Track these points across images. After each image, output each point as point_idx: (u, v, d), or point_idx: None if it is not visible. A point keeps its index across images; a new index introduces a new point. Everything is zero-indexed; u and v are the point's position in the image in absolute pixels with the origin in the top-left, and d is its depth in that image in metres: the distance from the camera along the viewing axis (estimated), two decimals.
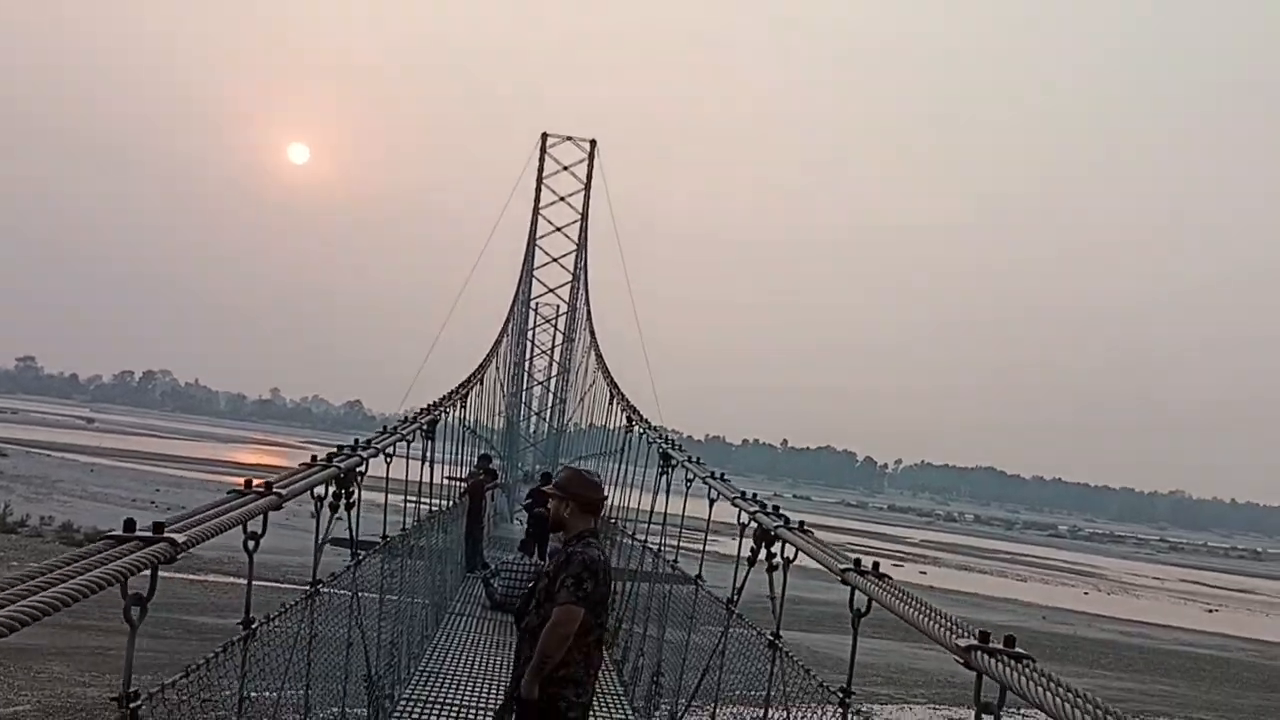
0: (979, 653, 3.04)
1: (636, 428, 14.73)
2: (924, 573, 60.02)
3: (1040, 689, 2.71)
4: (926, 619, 3.51)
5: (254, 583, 4.59)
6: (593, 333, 36.59)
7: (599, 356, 31.38)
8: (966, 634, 3.22)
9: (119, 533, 3.04)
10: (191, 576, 29.28)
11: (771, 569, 6.20)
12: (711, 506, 8.42)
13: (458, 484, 18.38)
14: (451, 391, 14.87)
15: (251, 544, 4.38)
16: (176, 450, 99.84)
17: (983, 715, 3.10)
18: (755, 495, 7.28)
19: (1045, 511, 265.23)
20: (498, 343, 29.55)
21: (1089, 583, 75.01)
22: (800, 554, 5.73)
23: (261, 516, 4.30)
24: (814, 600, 38.00)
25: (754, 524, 6.56)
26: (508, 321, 35.99)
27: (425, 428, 10.50)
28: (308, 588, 6.16)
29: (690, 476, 9.62)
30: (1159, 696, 30.63)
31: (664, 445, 11.13)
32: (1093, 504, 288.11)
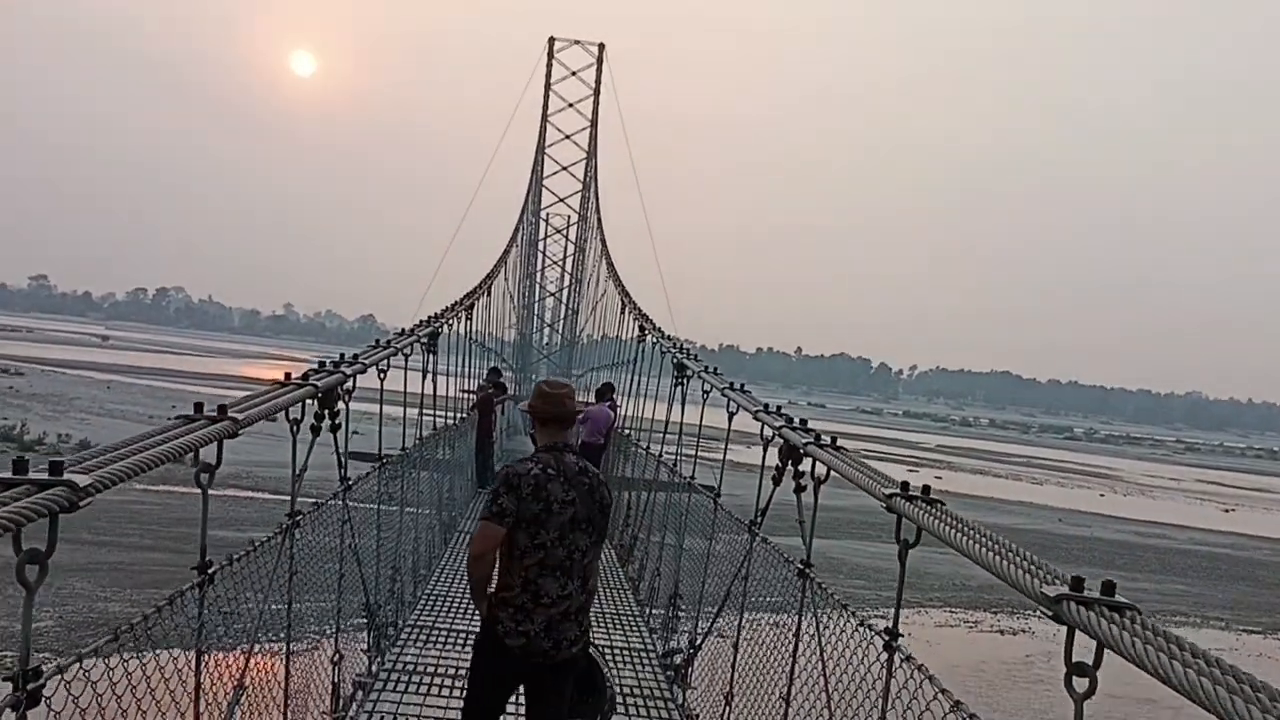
0: (1072, 604, 2.56)
1: (649, 337, 14.21)
2: (939, 478, 59.98)
3: (1149, 647, 2.28)
4: (1000, 559, 2.99)
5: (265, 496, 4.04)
6: (604, 241, 35.71)
7: (610, 265, 30.66)
8: (1055, 579, 2.70)
9: (7, 475, 2.57)
10: (229, 492, 29.39)
11: (800, 489, 5.61)
12: (731, 419, 7.86)
13: (467, 397, 17.97)
14: (455, 303, 14.28)
15: (205, 477, 3.97)
16: (191, 367, 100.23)
17: (1075, 677, 2.60)
18: (780, 409, 6.66)
19: (1061, 414, 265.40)
20: (505, 253, 28.86)
21: (1105, 484, 75.03)
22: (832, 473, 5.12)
23: (215, 445, 3.83)
24: (835, 507, 38.06)
25: (779, 440, 5.94)
26: (516, 231, 35.26)
27: (425, 340, 9.93)
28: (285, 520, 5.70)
29: (707, 388, 9.03)
30: (1174, 596, 30.60)
31: (678, 355, 10.55)
32: (1109, 406, 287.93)
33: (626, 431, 16.38)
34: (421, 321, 10.48)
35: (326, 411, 5.75)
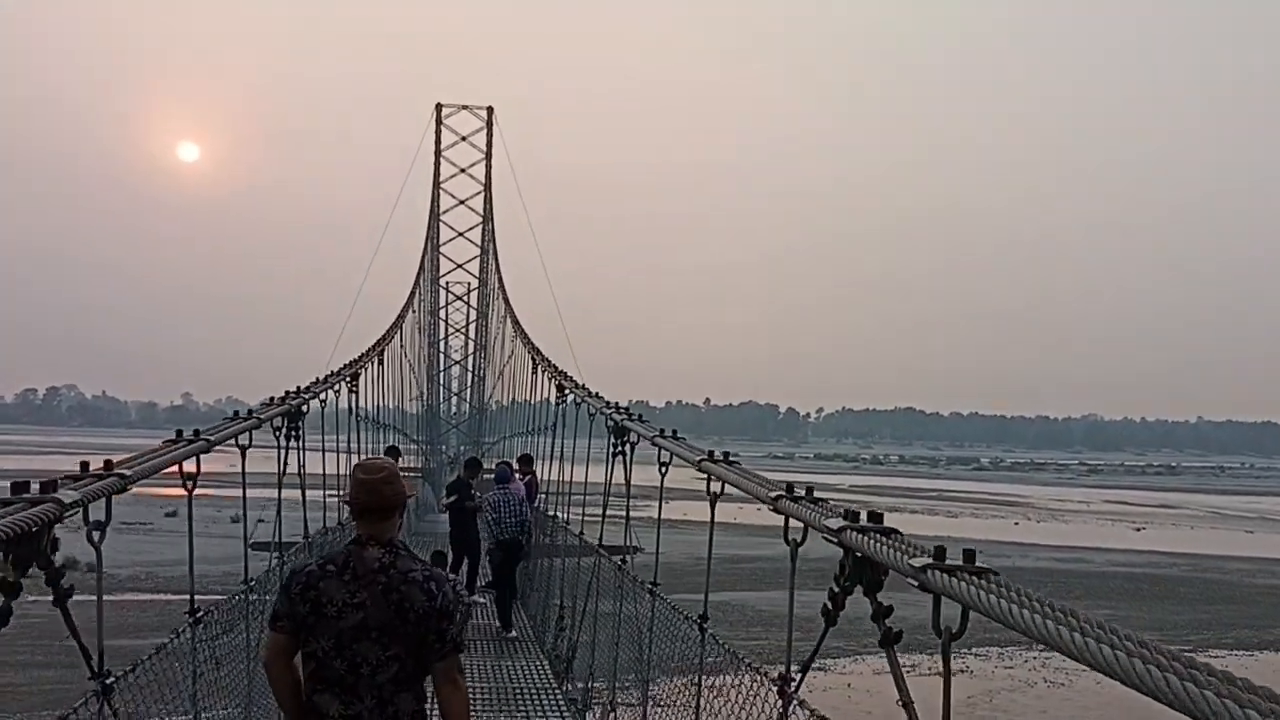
0: (936, 572, 2.78)
1: (570, 395, 13.13)
2: None
3: (1009, 604, 2.52)
4: (869, 540, 3.26)
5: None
6: (507, 301, 35.09)
7: (517, 324, 29.96)
8: (921, 553, 2.95)
9: None
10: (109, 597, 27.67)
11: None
12: (664, 472, 7.28)
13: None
14: (332, 373, 12.03)
15: (96, 535, 3.93)
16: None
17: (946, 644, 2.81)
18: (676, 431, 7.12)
19: (966, 446, 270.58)
20: (400, 319, 27.80)
21: (1017, 512, 76.14)
22: (728, 488, 5.38)
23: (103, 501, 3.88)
24: (754, 557, 37.63)
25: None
26: (410, 298, 34.29)
27: (281, 422, 7.94)
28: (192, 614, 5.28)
29: (634, 438, 8.48)
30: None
31: (615, 415, 9.29)
32: (1010, 434, 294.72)
33: (549, 510, 15.32)
34: (273, 399, 8.48)
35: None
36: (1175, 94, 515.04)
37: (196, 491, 5.29)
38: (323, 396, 10.10)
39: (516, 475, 14.46)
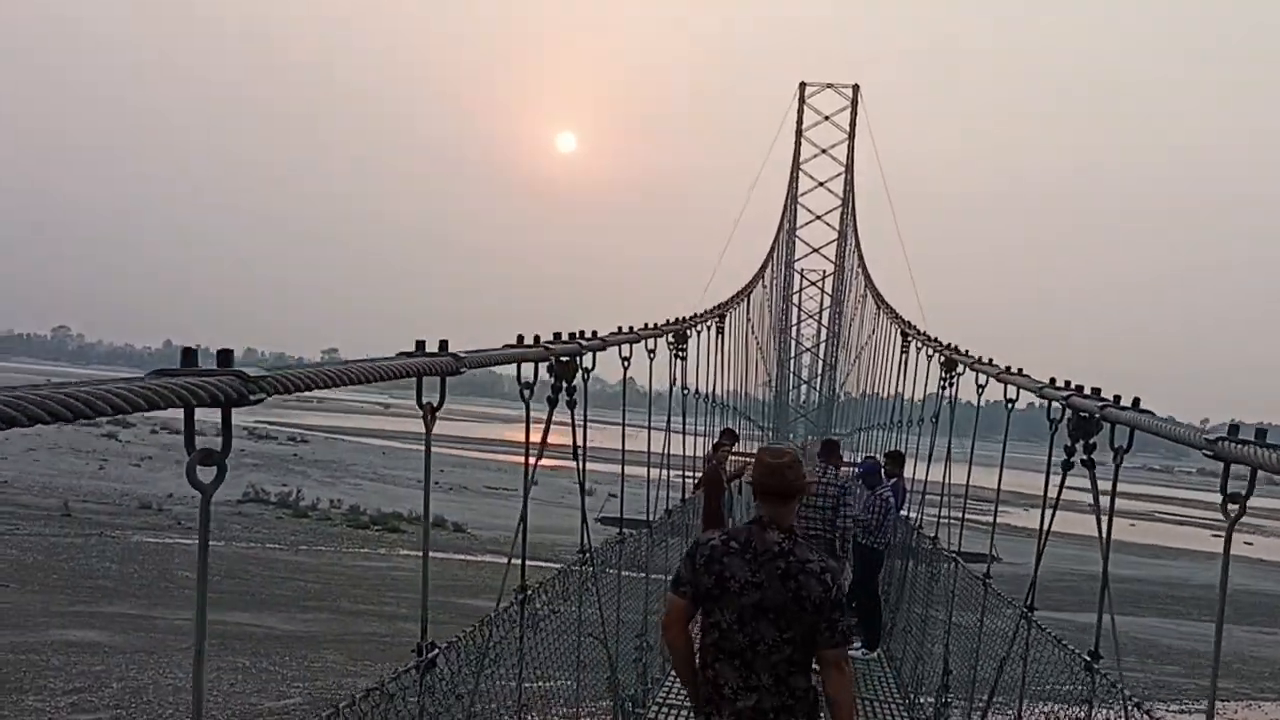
0: (1228, 443, 2.98)
1: (962, 369, 9.72)
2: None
3: None
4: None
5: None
6: (868, 277, 31.71)
7: (879, 298, 27.26)
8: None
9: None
10: (468, 557, 29.26)
11: (1091, 467, 4.77)
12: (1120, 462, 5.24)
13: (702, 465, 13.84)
14: (705, 312, 11.65)
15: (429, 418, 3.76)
16: (472, 431, 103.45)
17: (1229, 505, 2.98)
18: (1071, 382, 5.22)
19: None
20: (748, 289, 26.16)
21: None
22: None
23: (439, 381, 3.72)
24: (1133, 578, 34.09)
25: (1069, 413, 4.88)
26: (762, 270, 32.72)
27: (672, 341, 8.10)
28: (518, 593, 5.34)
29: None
30: None
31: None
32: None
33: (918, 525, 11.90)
34: (669, 321, 8.90)
35: (564, 384, 5.46)
36: None
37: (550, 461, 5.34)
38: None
39: (883, 475, 12.09)
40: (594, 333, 6.07)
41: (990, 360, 7.86)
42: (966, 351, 8.62)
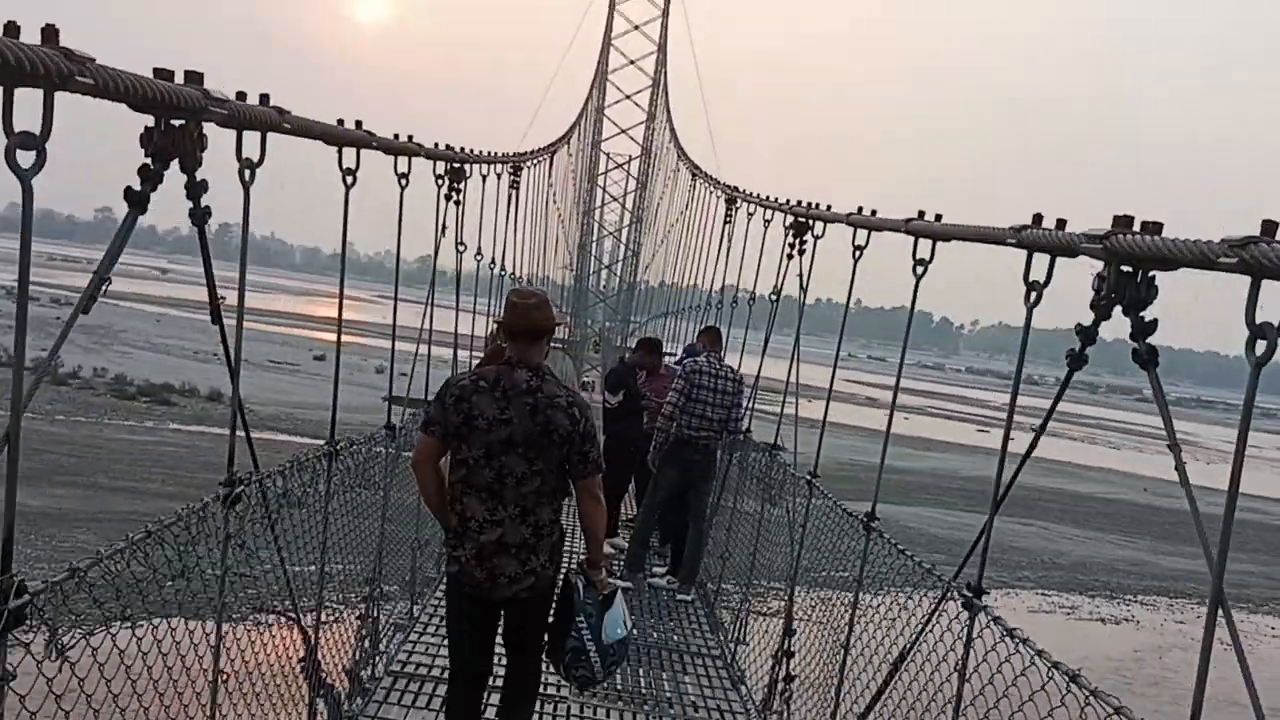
0: (1261, 245, 2.23)
1: (741, 205, 9.18)
2: (1012, 439, 57.20)
3: None
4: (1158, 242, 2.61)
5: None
6: (680, 149, 30.53)
7: (681, 152, 26.14)
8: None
9: None
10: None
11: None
12: (858, 257, 5.81)
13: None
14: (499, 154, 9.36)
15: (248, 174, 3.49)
16: (248, 302, 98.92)
17: (1258, 340, 2.26)
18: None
19: (1127, 375, 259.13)
20: (554, 145, 24.17)
21: (1184, 453, 71.53)
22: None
23: None
24: (907, 469, 35.67)
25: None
26: (567, 135, 31.24)
27: (443, 175, 7.09)
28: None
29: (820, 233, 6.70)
30: None
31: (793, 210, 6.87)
32: (1176, 368, 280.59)
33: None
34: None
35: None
36: None
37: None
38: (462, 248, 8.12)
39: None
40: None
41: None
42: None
